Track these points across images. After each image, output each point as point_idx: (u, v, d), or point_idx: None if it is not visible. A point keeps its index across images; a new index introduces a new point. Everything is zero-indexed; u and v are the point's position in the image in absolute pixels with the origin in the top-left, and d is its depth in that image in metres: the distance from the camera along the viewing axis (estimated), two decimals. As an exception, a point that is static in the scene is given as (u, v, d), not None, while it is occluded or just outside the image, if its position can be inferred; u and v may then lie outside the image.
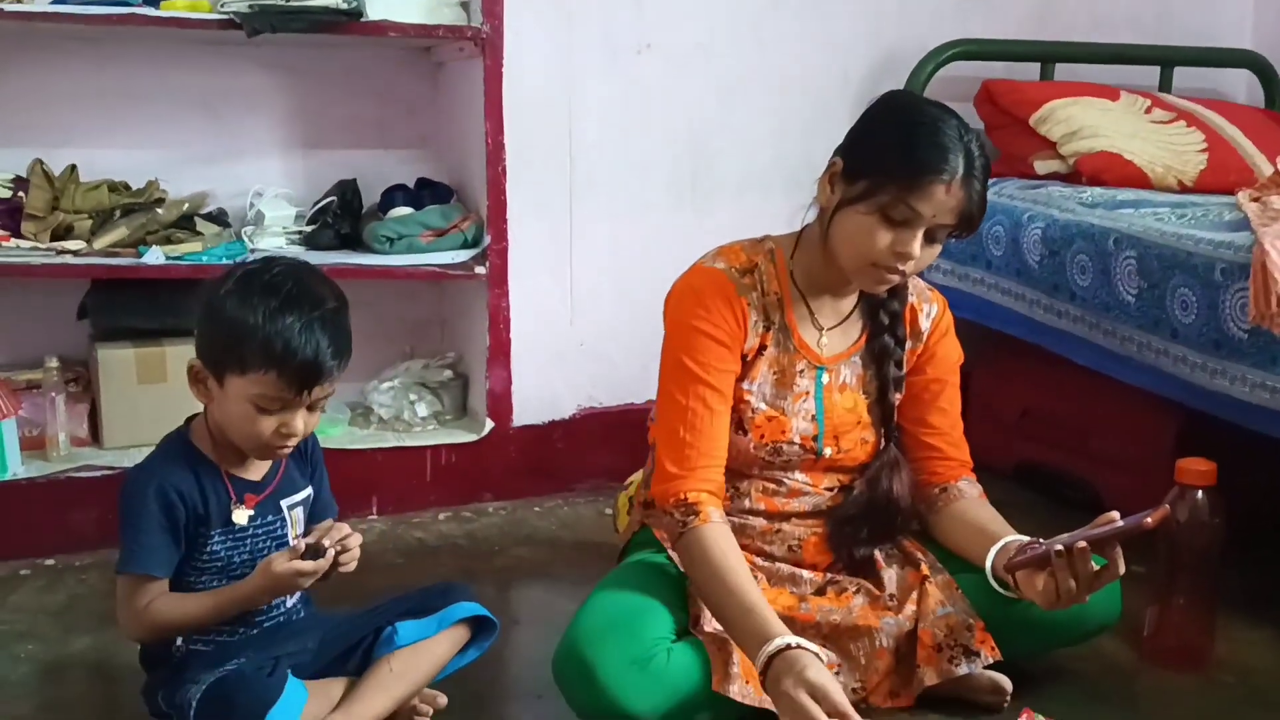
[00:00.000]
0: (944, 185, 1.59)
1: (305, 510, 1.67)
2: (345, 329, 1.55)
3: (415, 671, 1.61)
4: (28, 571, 2.20)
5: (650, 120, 2.70)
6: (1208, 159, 2.61)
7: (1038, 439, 2.67)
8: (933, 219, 1.61)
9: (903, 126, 1.64)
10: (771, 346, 1.76)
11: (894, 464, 1.80)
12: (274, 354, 1.48)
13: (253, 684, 1.46)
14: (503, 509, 2.58)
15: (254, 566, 1.58)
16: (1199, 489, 1.79)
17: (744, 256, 1.77)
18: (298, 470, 1.66)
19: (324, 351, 1.50)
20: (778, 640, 1.51)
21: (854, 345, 1.81)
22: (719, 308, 1.71)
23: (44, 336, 2.46)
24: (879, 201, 1.61)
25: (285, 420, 1.52)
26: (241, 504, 1.57)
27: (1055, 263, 2.33)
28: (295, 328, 1.48)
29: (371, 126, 2.69)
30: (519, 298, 2.57)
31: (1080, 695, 1.77)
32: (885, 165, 1.61)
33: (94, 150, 2.46)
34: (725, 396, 1.72)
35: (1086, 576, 1.56)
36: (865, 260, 1.65)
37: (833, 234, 1.69)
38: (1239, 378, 1.94)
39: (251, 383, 1.50)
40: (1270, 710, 1.76)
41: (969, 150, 1.61)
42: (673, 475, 1.70)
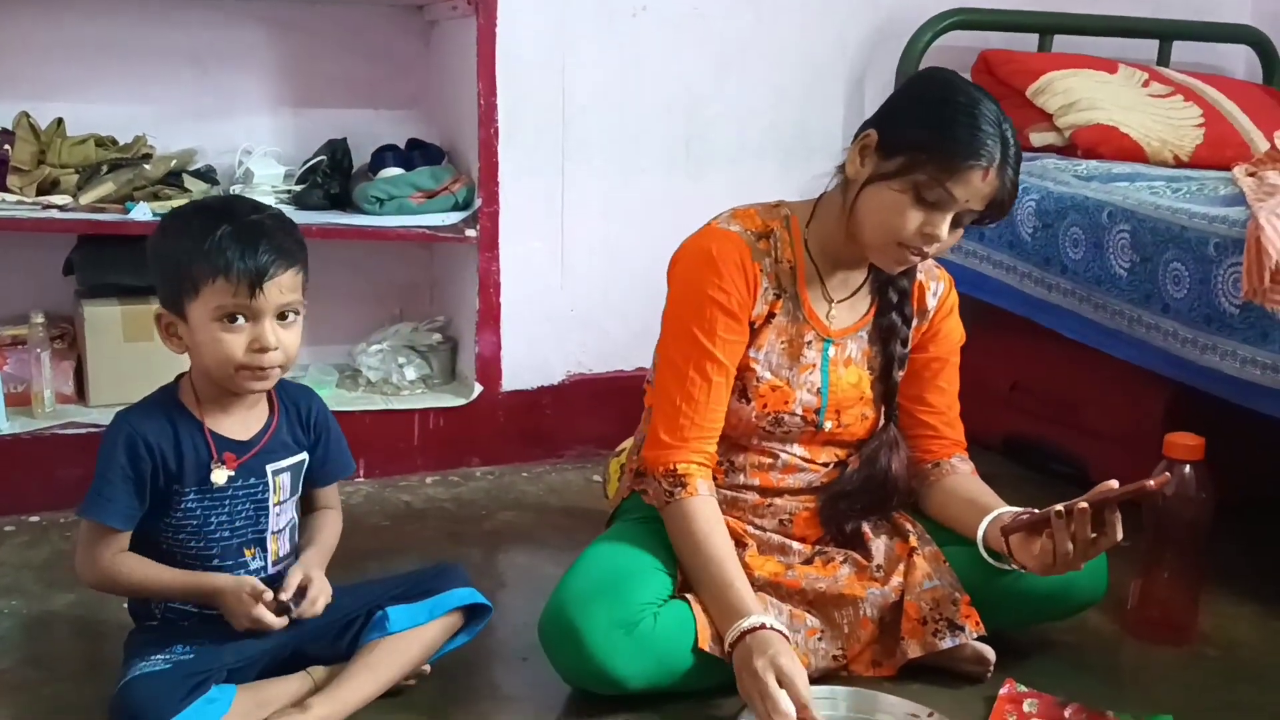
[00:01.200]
0: (981, 171, 1.58)
1: (296, 476, 1.64)
2: (288, 227, 1.54)
3: (404, 656, 1.59)
4: (12, 528, 2.19)
5: (645, 84, 2.67)
6: (1204, 134, 2.60)
7: (1027, 412, 2.67)
8: (965, 204, 1.60)
9: (945, 107, 1.61)
10: (781, 315, 1.74)
11: (893, 443, 1.79)
12: (217, 260, 1.46)
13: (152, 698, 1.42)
14: (490, 474, 2.57)
15: (232, 530, 1.56)
16: (1187, 463, 1.79)
17: (760, 221, 1.75)
18: (291, 436, 1.63)
19: (266, 244, 1.48)
20: (753, 618, 1.54)
21: (861, 320, 1.80)
22: (731, 274, 1.69)
23: (30, 291, 2.44)
24: (914, 180, 1.59)
25: (255, 334, 1.49)
26: (222, 463, 1.55)
27: (1048, 235, 2.32)
28: (231, 230, 1.48)
29: (363, 85, 2.66)
30: (510, 262, 2.56)
31: (1064, 667, 1.78)
32: (924, 145, 1.59)
33: (81, 104, 2.44)
34: (728, 368, 1.71)
35: (1084, 540, 1.56)
36: (891, 238, 1.63)
37: (860, 208, 1.67)
38: (1230, 353, 1.94)
39: (206, 300, 1.48)
40: (1253, 683, 1.77)
41: (1005, 138, 1.60)
42: (665, 444, 1.69)
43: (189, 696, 1.43)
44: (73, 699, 1.62)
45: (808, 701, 1.46)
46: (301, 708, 1.51)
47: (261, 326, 1.49)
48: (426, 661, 1.64)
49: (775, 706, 1.45)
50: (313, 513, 1.72)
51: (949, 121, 1.59)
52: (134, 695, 1.44)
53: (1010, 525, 1.64)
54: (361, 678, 1.55)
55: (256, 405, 1.61)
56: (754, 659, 1.49)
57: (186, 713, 1.42)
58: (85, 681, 1.66)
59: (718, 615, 1.59)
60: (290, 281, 1.51)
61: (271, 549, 1.61)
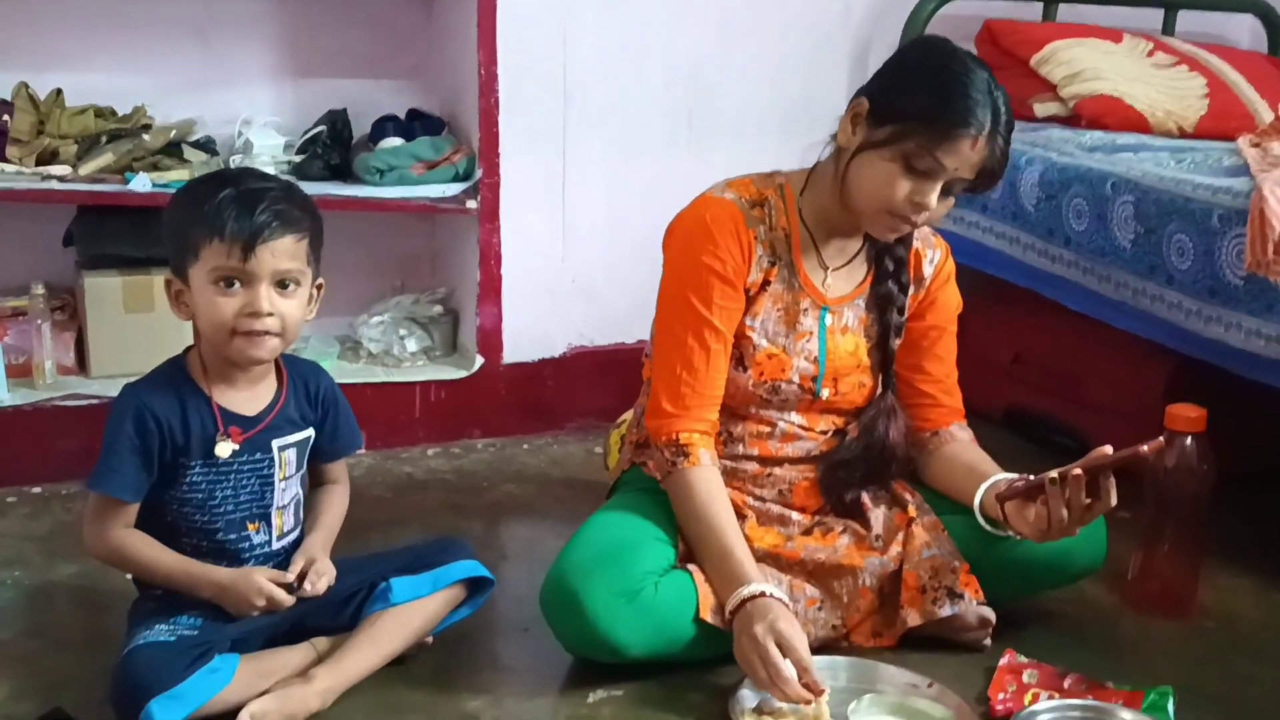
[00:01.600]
0: (970, 140, 1.57)
1: (302, 452, 1.64)
2: (294, 196, 1.54)
3: (407, 628, 1.60)
4: (14, 499, 2.20)
5: (647, 55, 2.65)
6: (1209, 104, 2.58)
7: (1028, 384, 2.66)
8: (954, 172, 1.59)
9: (936, 75, 1.60)
10: (776, 283, 1.74)
11: (891, 411, 1.79)
12: (214, 221, 1.46)
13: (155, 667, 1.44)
14: (492, 445, 2.57)
15: (236, 504, 1.56)
16: (1188, 435, 1.79)
17: (754, 189, 1.75)
18: (298, 412, 1.63)
19: (266, 209, 1.47)
20: (754, 585, 1.55)
21: (858, 288, 1.79)
22: (726, 241, 1.69)
23: (30, 263, 2.43)
24: (903, 149, 1.59)
25: (249, 299, 1.48)
26: (227, 436, 1.55)
27: (1052, 206, 2.31)
28: (233, 194, 1.48)
29: (363, 55, 2.64)
30: (511, 233, 2.55)
31: (1063, 638, 1.78)
32: (914, 113, 1.59)
33: (80, 74, 2.42)
34: (726, 336, 1.71)
35: (1079, 506, 1.56)
36: (881, 206, 1.63)
37: (850, 175, 1.66)
38: (1234, 325, 1.93)
39: (204, 263, 1.48)
40: (1252, 656, 1.78)
41: (996, 106, 1.59)
42: (667, 413, 1.69)
43: (192, 666, 1.44)
44: (75, 670, 1.62)
45: (809, 665, 1.47)
46: (305, 678, 1.51)
47: (255, 291, 1.48)
48: (429, 633, 1.65)
49: (776, 671, 1.46)
50: (320, 487, 1.72)
51: (939, 90, 1.59)
52: (136, 664, 1.45)
53: (1005, 492, 1.64)
54: (364, 649, 1.56)
55: (264, 380, 1.60)
56: (754, 625, 1.50)
57: (189, 682, 1.43)
58: (88, 652, 1.67)
59: (718, 583, 1.60)
60: (289, 248, 1.50)
61: (276, 524, 1.61)
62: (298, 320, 1.54)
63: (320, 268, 1.60)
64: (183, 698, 1.42)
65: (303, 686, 1.50)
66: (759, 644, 1.48)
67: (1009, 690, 1.60)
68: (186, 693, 1.42)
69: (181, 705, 1.42)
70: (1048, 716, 1.49)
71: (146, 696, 1.40)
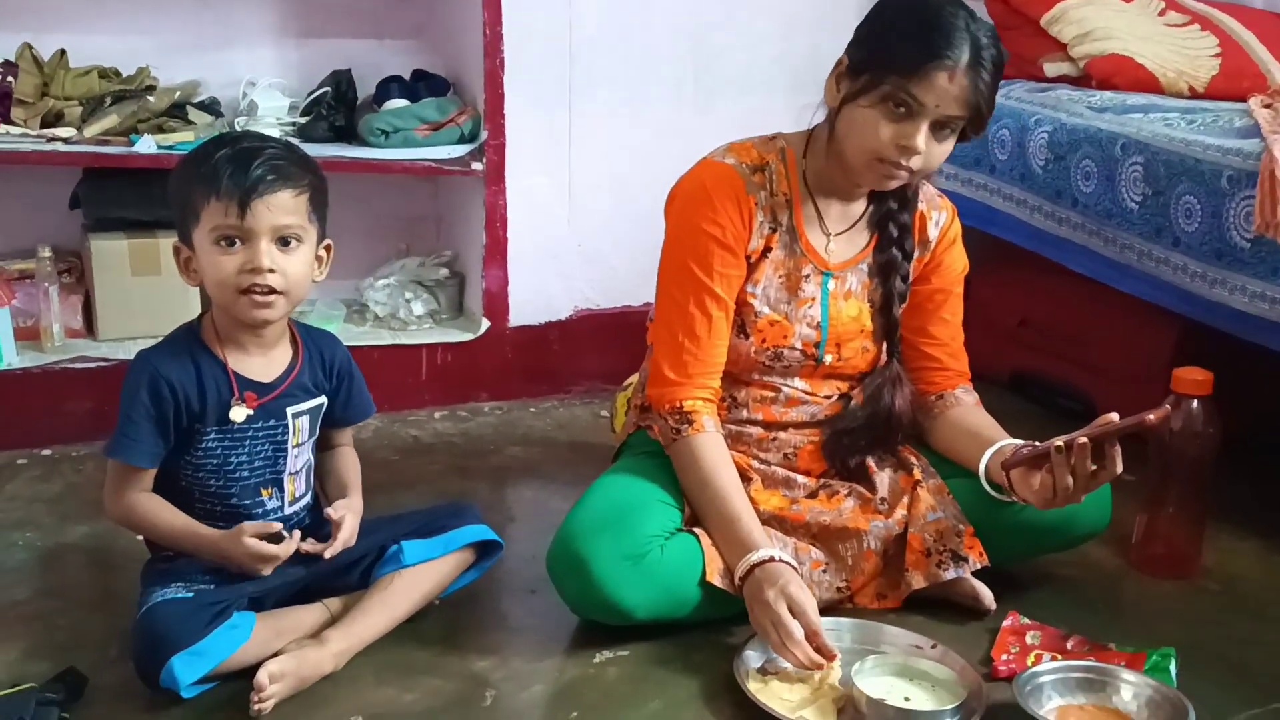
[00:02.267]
0: (946, 72, 1.55)
1: (315, 419, 1.64)
2: (292, 153, 1.52)
3: (417, 591, 1.62)
4: (24, 461, 2.21)
5: (652, 14, 2.63)
6: (1221, 64, 2.55)
7: (1035, 348, 2.66)
8: (937, 109, 1.57)
9: (905, 14, 1.60)
10: (778, 249, 1.73)
11: (896, 379, 1.79)
12: (211, 180, 1.46)
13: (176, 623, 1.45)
14: (498, 408, 2.58)
15: (250, 469, 1.57)
16: (1195, 398, 1.79)
17: (755, 153, 1.74)
18: (312, 380, 1.63)
19: (259, 164, 1.46)
20: (762, 551, 1.56)
21: (861, 253, 1.79)
22: (726, 207, 1.68)
23: (36, 225, 2.44)
24: (881, 92, 1.57)
25: (248, 256, 1.47)
26: (242, 401, 1.55)
27: (1060, 168, 2.30)
28: (228, 154, 1.47)
29: (367, 15, 2.63)
30: (516, 196, 2.54)
31: (1067, 600, 1.79)
32: (886, 55, 1.57)
33: (83, 35, 2.41)
34: (727, 302, 1.70)
35: (1084, 474, 1.55)
36: (870, 155, 1.62)
37: (838, 131, 1.65)
38: (1239, 288, 1.92)
39: (204, 224, 1.48)
40: (1253, 618, 1.78)
41: (976, 39, 1.57)
42: (670, 381, 1.69)
43: (212, 623, 1.45)
44: (88, 629, 1.64)
45: (819, 629, 1.49)
46: (319, 640, 1.53)
47: (255, 248, 1.48)
48: (438, 596, 1.66)
49: (789, 634, 1.47)
50: (331, 450, 1.72)
51: (910, 29, 1.58)
52: (157, 621, 1.46)
53: (1010, 460, 1.64)
54: (376, 612, 1.58)
55: (278, 346, 1.60)
56: (765, 590, 1.51)
57: (210, 639, 1.44)
58: (100, 612, 1.69)
59: (726, 549, 1.61)
60: (288, 203, 1.49)
61: (289, 490, 1.62)
62: (302, 278, 1.53)
63: (326, 228, 1.59)
64: (204, 654, 1.44)
65: (317, 649, 1.51)
66: (771, 609, 1.49)
67: (1012, 652, 1.61)
68: (208, 649, 1.44)
69: (203, 661, 1.43)
70: (1050, 678, 1.50)
71: (168, 653, 1.42)
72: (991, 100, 1.61)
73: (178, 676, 1.41)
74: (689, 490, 1.69)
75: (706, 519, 1.65)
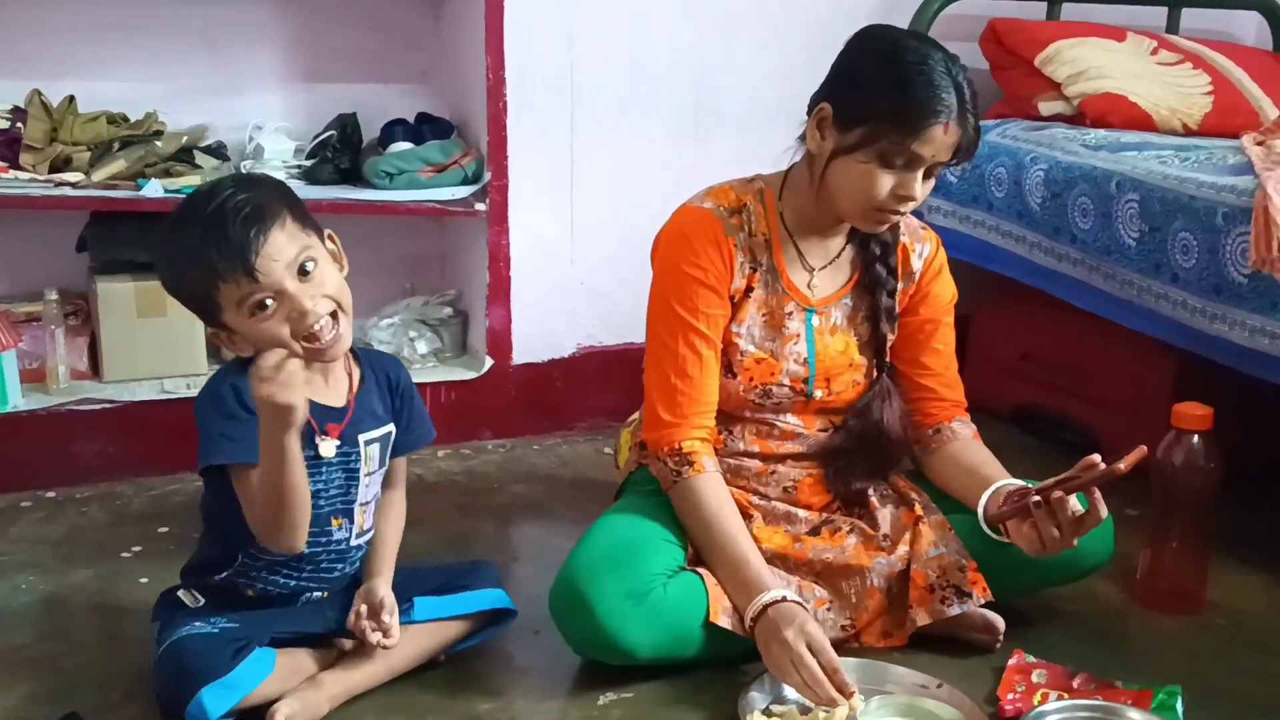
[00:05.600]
0: (942, 126, 1.58)
1: (385, 448, 1.63)
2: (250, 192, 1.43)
3: (419, 647, 1.61)
4: (29, 503, 2.22)
5: (653, 54, 2.67)
6: (1213, 101, 2.59)
7: (1037, 382, 2.67)
8: (933, 158, 1.61)
9: (892, 68, 1.60)
10: (759, 288, 1.75)
11: (884, 394, 1.80)
12: (204, 269, 1.41)
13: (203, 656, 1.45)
14: (502, 446, 2.59)
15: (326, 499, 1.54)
16: (1195, 433, 1.80)
17: (733, 195, 1.76)
18: (381, 404, 1.61)
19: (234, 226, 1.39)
20: (775, 591, 1.57)
21: (844, 288, 1.80)
22: (706, 249, 1.70)
23: (43, 268, 2.45)
24: (878, 149, 1.60)
25: (290, 309, 1.42)
26: (325, 434, 1.52)
27: (1057, 205, 2.32)
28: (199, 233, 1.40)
29: (372, 59, 2.66)
30: (519, 235, 2.57)
31: (1072, 636, 1.79)
32: (881, 112, 1.59)
33: (92, 82, 2.44)
34: (714, 341, 1.72)
35: (1070, 523, 1.57)
36: (868, 205, 1.64)
37: (829, 182, 1.67)
38: (1238, 323, 1.94)
39: (228, 306, 1.43)
40: (1260, 652, 1.78)
41: (959, 85, 1.60)
42: (666, 423, 1.71)
43: (237, 656, 1.46)
44: (91, 672, 1.64)
45: (838, 666, 1.49)
46: (314, 682, 1.53)
47: (287, 296, 1.43)
48: (443, 653, 1.66)
49: (812, 674, 1.47)
50: (386, 492, 1.69)
51: (899, 84, 1.58)
52: (185, 653, 1.46)
53: (996, 515, 1.66)
54: (374, 663, 1.58)
55: (337, 369, 1.56)
56: (783, 629, 1.51)
57: (238, 670, 1.45)
58: (103, 655, 1.69)
59: (735, 591, 1.61)
60: (282, 240, 1.43)
61: (358, 520, 1.61)
62: (339, 286, 1.48)
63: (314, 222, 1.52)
64: (233, 686, 1.44)
65: (314, 691, 1.52)
66: (791, 648, 1.49)
67: (1018, 690, 1.61)
68: (237, 681, 1.44)
69: (232, 693, 1.44)
70: (1056, 717, 1.50)
71: (196, 685, 1.42)
72: (978, 134, 1.64)
73: (207, 708, 1.41)
74: (693, 532, 1.69)
75: (713, 561, 1.66)
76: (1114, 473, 1.52)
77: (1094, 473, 1.55)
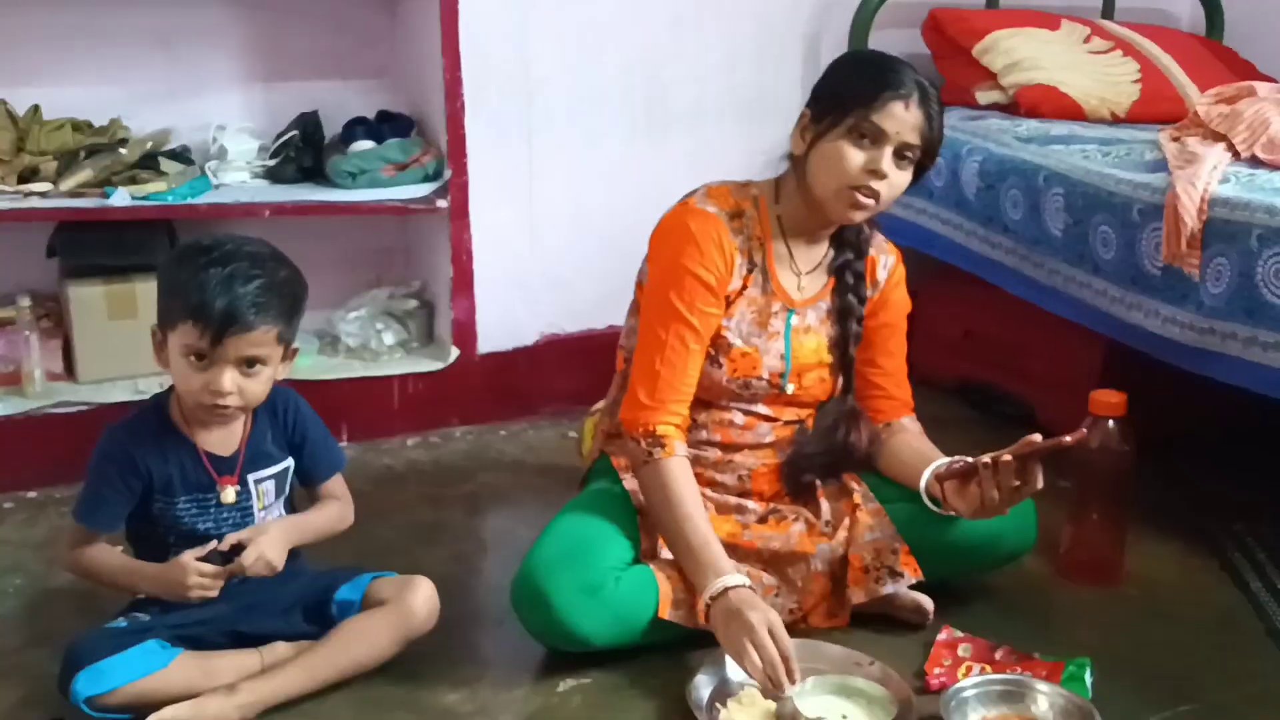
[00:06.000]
0: (902, 101, 1.72)
1: (283, 481, 1.72)
2: (277, 284, 1.58)
3: (345, 655, 1.64)
4: (11, 505, 2.28)
5: (605, 51, 2.73)
6: (1141, 89, 2.68)
7: (978, 359, 2.79)
8: (897, 135, 1.73)
9: (856, 62, 1.88)
10: (752, 288, 1.86)
11: (853, 415, 1.92)
12: (191, 302, 1.53)
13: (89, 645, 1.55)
14: (469, 433, 2.67)
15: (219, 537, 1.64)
16: (1110, 419, 1.92)
17: (732, 200, 1.87)
18: (275, 444, 1.71)
19: (240, 300, 1.53)
20: (738, 577, 1.67)
21: (820, 292, 1.92)
22: (712, 252, 1.81)
23: (14, 273, 2.51)
24: (846, 126, 1.74)
25: (213, 378, 1.55)
26: (223, 486, 1.65)
27: (990, 196, 2.42)
28: (215, 278, 1.53)
29: (330, 57, 2.70)
30: (480, 229, 2.63)
31: (998, 611, 1.90)
32: (845, 94, 1.75)
33: (55, 89, 2.48)
34: (703, 336, 1.83)
35: (1008, 488, 1.70)
36: (841, 184, 1.76)
37: (810, 171, 1.80)
38: (1152, 311, 2.05)
39: (179, 335, 1.55)
40: (1170, 621, 1.90)
41: (920, 82, 1.75)
42: (644, 405, 1.81)
43: (121, 647, 1.55)
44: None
45: (791, 654, 1.59)
46: (231, 689, 1.58)
47: (219, 372, 1.56)
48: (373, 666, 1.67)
49: (770, 657, 1.58)
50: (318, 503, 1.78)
51: (860, 68, 1.82)
52: (73, 646, 1.57)
53: (944, 472, 1.79)
54: (295, 671, 1.62)
55: (235, 418, 1.68)
56: (746, 611, 1.61)
57: (113, 659, 1.53)
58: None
59: (695, 570, 1.71)
60: (259, 338, 1.57)
61: None
62: (261, 393, 1.62)
63: (296, 332, 1.66)
64: (105, 673, 1.52)
65: (224, 698, 1.56)
66: (755, 630, 1.59)
67: (944, 664, 1.73)
68: (110, 668, 1.52)
69: (104, 680, 1.52)
70: (972, 692, 1.61)
71: (74, 672, 1.53)
72: (941, 133, 1.78)
73: (76, 690, 1.51)
74: (657, 512, 1.78)
75: (675, 540, 1.75)
76: (1060, 444, 1.65)
77: (1044, 443, 1.67)
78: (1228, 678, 1.75)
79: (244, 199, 2.47)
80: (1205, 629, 1.88)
